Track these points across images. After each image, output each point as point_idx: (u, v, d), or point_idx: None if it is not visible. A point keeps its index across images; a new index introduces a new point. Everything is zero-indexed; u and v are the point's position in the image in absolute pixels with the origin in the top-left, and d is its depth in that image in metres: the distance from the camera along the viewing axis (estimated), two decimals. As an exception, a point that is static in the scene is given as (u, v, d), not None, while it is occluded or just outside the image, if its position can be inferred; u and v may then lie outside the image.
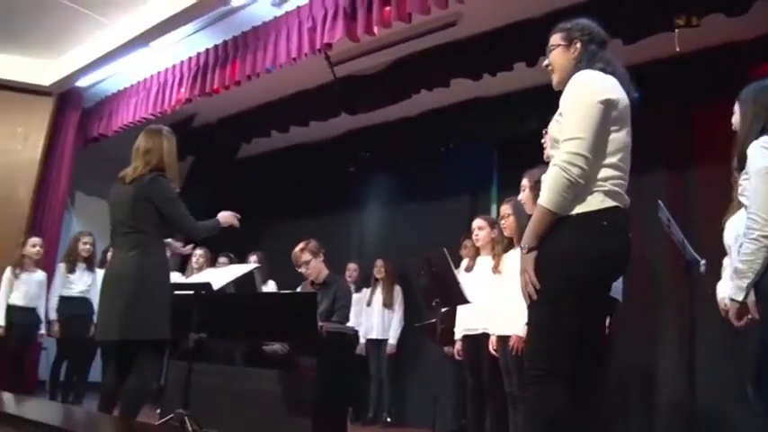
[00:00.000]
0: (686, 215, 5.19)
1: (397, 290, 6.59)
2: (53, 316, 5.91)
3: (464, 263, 4.65)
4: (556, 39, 2.33)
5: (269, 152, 7.96)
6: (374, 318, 6.54)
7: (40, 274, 5.90)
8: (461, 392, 5.03)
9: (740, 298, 2.42)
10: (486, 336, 4.07)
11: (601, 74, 2.14)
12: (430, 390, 5.36)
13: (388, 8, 4.38)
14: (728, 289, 2.51)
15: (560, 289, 2.01)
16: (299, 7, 4.98)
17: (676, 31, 4.39)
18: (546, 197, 2.04)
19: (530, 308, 2.09)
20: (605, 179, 2.06)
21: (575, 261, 2.01)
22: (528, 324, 2.11)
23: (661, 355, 5.06)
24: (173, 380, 4.57)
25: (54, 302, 5.93)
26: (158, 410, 4.73)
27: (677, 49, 4.43)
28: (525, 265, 2.07)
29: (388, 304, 6.52)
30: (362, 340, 6.53)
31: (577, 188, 2.02)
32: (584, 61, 2.22)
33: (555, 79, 2.31)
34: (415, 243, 5.96)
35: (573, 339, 2.01)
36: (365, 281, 6.82)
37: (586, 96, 2.08)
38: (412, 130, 6.73)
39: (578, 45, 2.26)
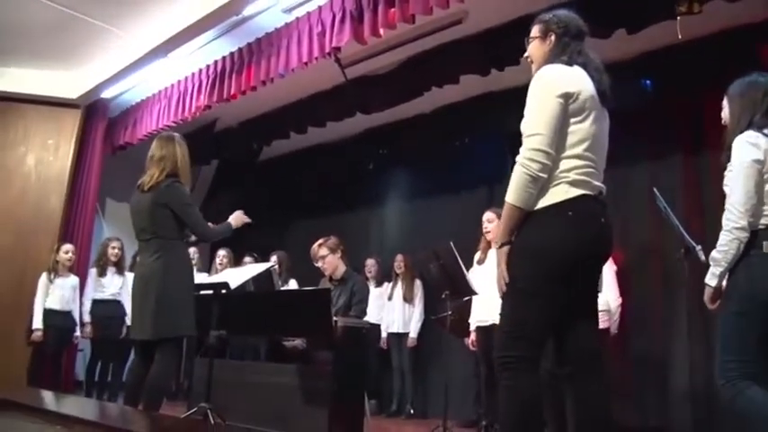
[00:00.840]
0: (701, 201, 5.24)
1: (418, 284, 6.70)
2: (87, 318, 6.17)
3: (477, 255, 4.76)
4: (534, 31, 2.39)
5: (290, 153, 8.15)
6: (395, 312, 6.68)
7: (73, 279, 6.16)
8: (478, 383, 5.14)
9: (713, 283, 2.56)
10: (496, 326, 4.16)
11: (562, 67, 2.20)
12: (451, 381, 5.48)
13: (392, 10, 4.50)
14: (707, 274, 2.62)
15: (528, 281, 2.10)
16: (308, 13, 5.12)
17: (678, 18, 4.44)
18: (510, 194, 2.12)
19: (503, 299, 2.18)
20: (569, 170, 2.12)
21: (541, 254, 2.09)
22: (500, 314, 2.19)
23: (674, 341, 5.11)
24: (197, 376, 4.76)
25: (87, 305, 6.20)
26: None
27: (679, 37, 4.48)
28: (499, 259, 2.18)
29: (408, 298, 6.64)
30: (384, 334, 6.68)
31: (540, 182, 2.09)
32: (554, 54, 2.29)
33: (533, 71, 2.34)
34: (435, 237, 6.04)
35: (540, 329, 2.10)
36: (386, 276, 6.96)
37: (544, 92, 2.14)
38: (427, 127, 6.84)
39: (552, 37, 2.32)
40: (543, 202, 2.11)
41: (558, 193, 2.11)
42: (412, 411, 6.47)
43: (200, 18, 5.26)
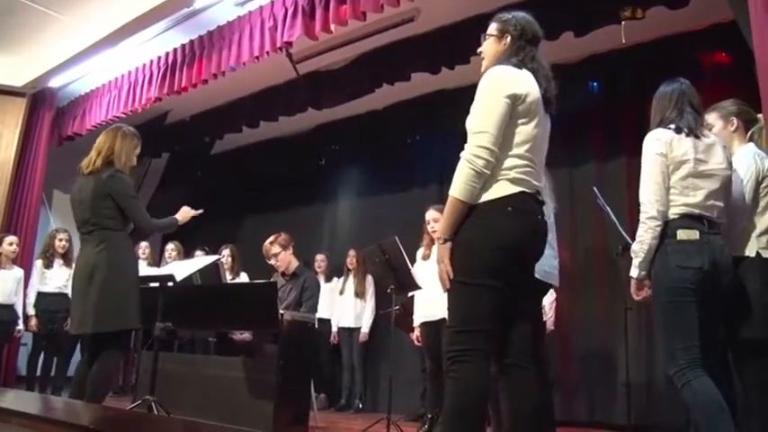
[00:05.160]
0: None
1: (369, 280, 6.71)
2: (31, 311, 6.03)
3: (420, 251, 4.81)
4: (491, 28, 2.43)
5: (242, 147, 8.13)
6: (346, 307, 6.70)
7: (17, 271, 6.01)
8: (424, 377, 5.20)
9: (635, 275, 2.70)
10: (444, 321, 4.21)
11: (513, 68, 2.25)
12: (400, 376, 5.53)
13: (344, 6, 4.54)
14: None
15: (470, 274, 2.14)
16: (260, 7, 5.12)
17: (623, 23, 4.58)
18: (455, 188, 2.16)
19: (447, 294, 2.21)
20: (511, 168, 2.18)
21: (482, 246, 2.14)
22: (447, 309, 2.22)
23: (614, 336, 5.26)
24: (143, 369, 4.73)
25: (32, 298, 6.06)
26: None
27: (623, 41, 4.64)
28: (441, 254, 2.20)
29: (359, 294, 6.68)
30: (335, 329, 6.71)
31: (483, 178, 2.14)
32: (507, 55, 2.33)
33: (483, 68, 2.38)
34: (386, 233, 6.04)
35: (487, 320, 2.13)
36: (336, 271, 6.99)
37: (493, 91, 2.19)
38: (379, 123, 6.91)
39: (508, 39, 2.36)
40: (485, 197, 2.17)
41: (499, 189, 2.17)
42: (361, 406, 6.52)
43: (151, 8, 5.21)
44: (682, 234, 2.57)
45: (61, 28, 5.96)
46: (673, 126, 2.68)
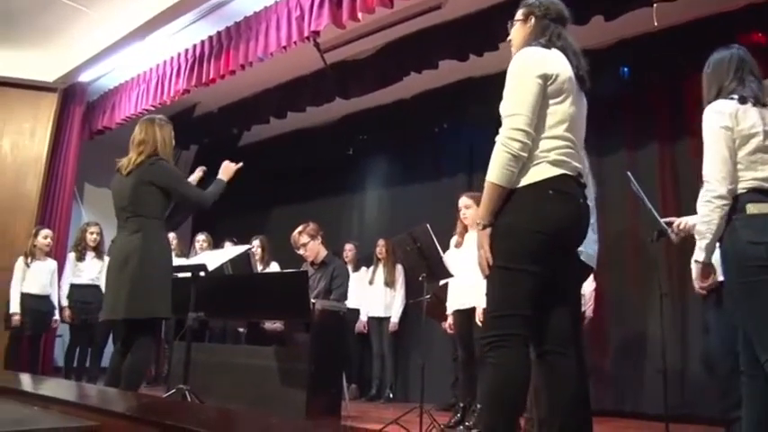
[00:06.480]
0: (677, 186, 5.31)
1: (399, 269, 6.70)
2: (65, 302, 6.15)
3: (453, 239, 4.79)
4: (518, 14, 2.40)
5: (270, 139, 8.15)
6: (376, 296, 6.69)
7: (51, 263, 6.12)
8: (456, 366, 5.17)
9: (702, 258, 2.49)
10: (475, 310, 4.19)
11: (541, 48, 2.21)
12: (431, 365, 5.50)
13: (371, -6, 4.52)
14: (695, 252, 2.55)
15: (511, 259, 2.09)
16: (287, -4, 5.13)
17: (654, 5, 4.49)
18: (492, 173, 2.11)
19: (487, 280, 2.17)
20: (549, 150, 2.13)
21: (522, 231, 2.09)
22: (486, 295, 2.18)
23: (649, 324, 5.19)
24: (176, 359, 4.78)
25: (65, 290, 6.17)
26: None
27: (655, 24, 4.55)
28: (481, 240, 2.15)
29: (389, 283, 6.66)
30: (364, 318, 6.72)
31: (521, 161, 2.09)
32: (534, 36, 2.30)
33: (513, 54, 2.34)
34: (415, 222, 6.01)
35: (526, 305, 2.09)
36: (364, 260, 6.98)
37: (523, 72, 2.15)
38: (407, 112, 6.87)
39: (533, 20, 2.33)
40: (524, 181, 2.12)
41: (538, 173, 2.12)
42: (391, 395, 6.52)
43: (178, 1, 5.23)
44: (752, 208, 2.39)
45: (88, 22, 6.02)
46: (736, 96, 2.48)
